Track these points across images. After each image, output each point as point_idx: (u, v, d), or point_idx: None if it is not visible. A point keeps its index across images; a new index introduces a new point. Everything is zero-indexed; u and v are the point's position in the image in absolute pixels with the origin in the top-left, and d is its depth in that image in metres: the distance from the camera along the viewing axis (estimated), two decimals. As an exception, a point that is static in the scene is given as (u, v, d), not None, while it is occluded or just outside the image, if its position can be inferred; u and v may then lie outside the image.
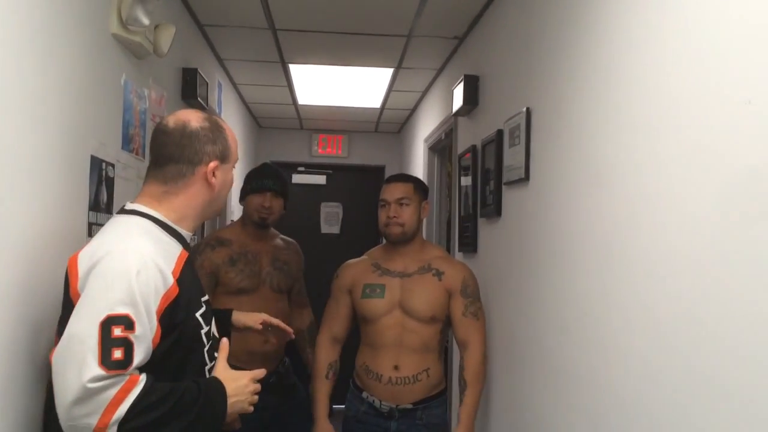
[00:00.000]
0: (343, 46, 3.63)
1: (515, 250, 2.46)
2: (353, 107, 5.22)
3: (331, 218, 6.48)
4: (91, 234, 1.85)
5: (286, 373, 2.81)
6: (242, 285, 2.65)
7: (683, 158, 1.34)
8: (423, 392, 2.49)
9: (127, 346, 1.30)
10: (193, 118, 1.58)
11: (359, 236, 6.15)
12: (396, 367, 2.47)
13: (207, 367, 1.56)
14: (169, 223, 1.53)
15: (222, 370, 1.53)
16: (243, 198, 2.78)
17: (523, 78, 2.43)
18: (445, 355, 2.62)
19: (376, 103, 5.02)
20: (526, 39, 2.42)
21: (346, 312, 2.58)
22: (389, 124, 5.91)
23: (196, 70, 3.00)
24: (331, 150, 6.33)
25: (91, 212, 1.89)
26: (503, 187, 2.60)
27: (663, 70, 1.44)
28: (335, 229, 6.43)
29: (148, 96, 2.44)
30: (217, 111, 3.91)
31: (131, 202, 1.55)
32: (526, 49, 2.41)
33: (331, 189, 6.45)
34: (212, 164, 1.56)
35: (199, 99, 3.04)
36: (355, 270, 2.60)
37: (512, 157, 2.46)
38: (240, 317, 2.05)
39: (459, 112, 3.29)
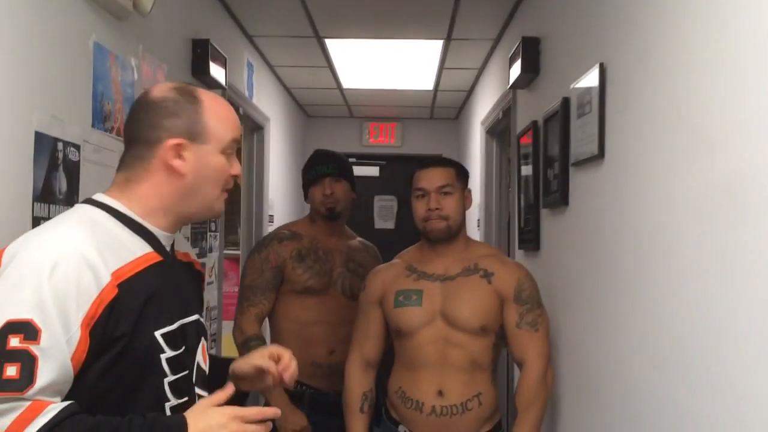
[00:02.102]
0: (381, 14, 3.19)
1: (588, 247, 1.95)
2: (404, 90, 4.79)
3: (385, 212, 6.22)
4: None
5: None
6: (309, 284, 2.40)
7: None
8: (475, 426, 2.00)
9: (27, 360, 1.01)
10: (158, 88, 1.28)
11: (416, 231, 5.72)
12: (440, 393, 2.00)
13: (169, 404, 1.20)
14: (135, 217, 1.22)
15: (198, 406, 1.17)
16: (306, 195, 2.54)
17: (595, 31, 1.93)
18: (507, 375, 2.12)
19: (428, 84, 4.57)
20: (598, -20, 1.91)
21: (377, 329, 2.13)
22: (445, 109, 5.46)
23: (207, 41, 2.59)
24: (383, 139, 5.99)
25: (37, 203, 1.51)
26: (570, 168, 2.11)
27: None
28: (390, 224, 6.16)
29: (138, 67, 2.05)
30: (246, 94, 3.52)
31: (100, 192, 1.26)
32: (598, -8, 1.90)
33: (385, 181, 6.15)
34: (171, 142, 1.21)
35: (212, 76, 2.63)
36: (385, 276, 2.15)
37: (582, 130, 1.96)
38: (239, 362, 1.42)
39: (517, 84, 2.79)
